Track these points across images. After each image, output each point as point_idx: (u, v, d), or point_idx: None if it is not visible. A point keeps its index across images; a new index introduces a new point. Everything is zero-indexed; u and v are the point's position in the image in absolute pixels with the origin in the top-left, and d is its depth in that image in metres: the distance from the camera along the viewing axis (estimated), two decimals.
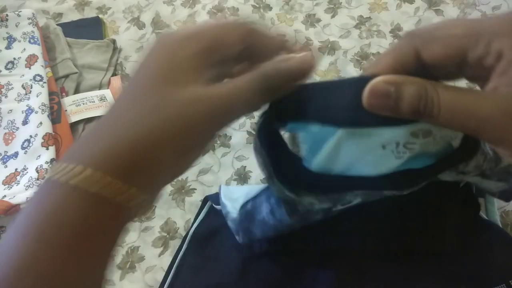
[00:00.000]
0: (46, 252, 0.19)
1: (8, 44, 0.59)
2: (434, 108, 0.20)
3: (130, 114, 0.22)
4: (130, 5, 0.69)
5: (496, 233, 0.39)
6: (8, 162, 0.49)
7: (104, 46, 0.62)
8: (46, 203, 0.20)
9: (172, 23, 0.66)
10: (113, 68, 0.62)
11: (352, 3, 0.65)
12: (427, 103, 0.20)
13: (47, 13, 0.69)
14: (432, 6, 0.63)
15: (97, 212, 0.20)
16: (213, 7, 0.67)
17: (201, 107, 0.21)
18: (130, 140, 0.21)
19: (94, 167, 0.20)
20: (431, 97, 0.20)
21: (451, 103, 0.20)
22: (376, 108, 0.21)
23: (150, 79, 0.22)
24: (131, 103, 0.22)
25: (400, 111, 0.21)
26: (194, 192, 0.51)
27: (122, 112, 0.22)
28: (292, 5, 0.66)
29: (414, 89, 0.21)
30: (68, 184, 0.20)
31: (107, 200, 0.20)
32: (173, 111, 0.21)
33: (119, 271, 0.47)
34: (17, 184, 0.47)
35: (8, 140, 0.51)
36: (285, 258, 0.39)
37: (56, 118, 0.53)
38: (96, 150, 0.21)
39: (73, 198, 0.20)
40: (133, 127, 0.21)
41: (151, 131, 0.21)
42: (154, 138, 0.21)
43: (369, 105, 0.21)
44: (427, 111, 0.20)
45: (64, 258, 0.19)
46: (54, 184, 0.20)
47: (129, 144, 0.21)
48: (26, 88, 0.54)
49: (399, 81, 0.21)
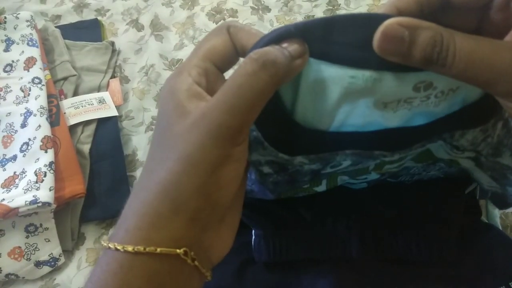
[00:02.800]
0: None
1: (7, 46, 0.58)
2: (449, 57, 0.19)
3: (150, 173, 0.22)
4: (129, 7, 0.69)
5: (496, 235, 0.39)
6: (7, 165, 0.49)
7: (103, 48, 0.62)
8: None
9: (171, 25, 0.66)
10: (111, 70, 0.61)
11: (351, 4, 0.65)
12: (441, 51, 0.19)
13: (46, 15, 0.68)
14: None
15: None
16: (211, 8, 0.67)
17: (198, 128, 0.21)
18: (151, 198, 0.21)
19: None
20: (447, 45, 0.19)
21: (468, 53, 0.19)
22: (387, 52, 0.20)
23: (160, 127, 0.22)
24: (151, 160, 0.22)
25: (412, 58, 0.19)
26: None
27: (145, 175, 0.22)
28: (291, 6, 0.66)
29: (429, 34, 0.19)
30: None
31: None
32: (177, 145, 0.21)
33: None
34: (16, 187, 0.46)
35: (7, 143, 0.51)
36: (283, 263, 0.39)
37: (54, 120, 0.53)
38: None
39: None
40: (152, 185, 0.21)
41: (163, 177, 0.21)
42: (167, 181, 0.21)
43: (380, 49, 0.20)
44: (441, 59, 0.19)
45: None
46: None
47: (151, 202, 0.21)
48: (25, 90, 0.54)
49: (414, 24, 0.19)
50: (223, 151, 0.21)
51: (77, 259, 0.49)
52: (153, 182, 0.21)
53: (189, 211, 0.21)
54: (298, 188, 0.33)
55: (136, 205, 0.22)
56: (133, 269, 0.20)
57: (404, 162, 0.30)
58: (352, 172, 0.31)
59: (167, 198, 0.21)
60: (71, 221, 0.49)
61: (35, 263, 0.46)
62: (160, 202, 0.21)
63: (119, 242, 0.21)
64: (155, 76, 0.61)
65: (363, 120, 0.25)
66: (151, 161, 0.22)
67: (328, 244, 0.38)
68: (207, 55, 0.23)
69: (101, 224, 0.51)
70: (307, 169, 0.28)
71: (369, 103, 0.23)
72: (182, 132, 0.21)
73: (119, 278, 0.20)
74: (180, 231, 0.21)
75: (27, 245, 0.46)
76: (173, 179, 0.21)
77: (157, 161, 0.22)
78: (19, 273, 0.46)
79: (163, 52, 0.63)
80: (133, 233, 0.21)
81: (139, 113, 0.58)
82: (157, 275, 0.21)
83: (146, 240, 0.20)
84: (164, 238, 0.21)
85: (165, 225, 0.21)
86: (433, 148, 0.29)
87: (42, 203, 0.44)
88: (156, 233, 0.21)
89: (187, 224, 0.21)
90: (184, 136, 0.21)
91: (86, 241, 0.50)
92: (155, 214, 0.21)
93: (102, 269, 0.21)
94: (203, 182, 0.21)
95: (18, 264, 0.46)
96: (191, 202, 0.21)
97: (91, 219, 0.50)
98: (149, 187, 0.21)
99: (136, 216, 0.21)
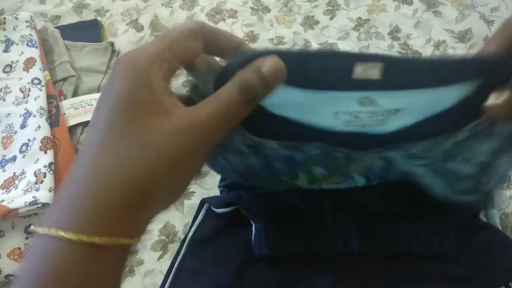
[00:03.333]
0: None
1: (6, 47, 0.58)
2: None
3: (114, 157, 0.20)
4: (128, 7, 0.69)
5: (496, 235, 0.39)
6: (6, 166, 0.49)
7: (103, 49, 0.62)
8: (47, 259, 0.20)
9: (170, 25, 0.66)
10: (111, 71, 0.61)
11: (350, 5, 0.65)
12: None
13: (45, 16, 0.68)
14: (431, 7, 0.63)
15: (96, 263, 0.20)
16: (211, 9, 0.67)
17: (190, 135, 0.21)
18: (122, 188, 0.20)
19: (83, 232, 0.19)
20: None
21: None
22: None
23: (127, 112, 0.21)
24: (110, 145, 0.21)
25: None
26: (193, 195, 0.51)
27: (102, 157, 0.21)
28: (290, 7, 0.66)
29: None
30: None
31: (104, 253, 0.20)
32: (162, 145, 0.20)
33: None
34: (16, 188, 0.46)
35: (6, 144, 0.51)
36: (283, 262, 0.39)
37: (54, 121, 0.52)
38: (84, 213, 0.20)
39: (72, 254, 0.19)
40: (121, 175, 0.20)
41: (143, 173, 0.20)
42: (148, 179, 0.20)
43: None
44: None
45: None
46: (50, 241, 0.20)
47: (123, 193, 0.20)
48: (24, 91, 0.54)
49: None
50: (207, 158, 0.23)
51: None
52: (118, 173, 0.20)
53: (157, 208, 0.22)
54: (278, 179, 0.34)
55: (95, 192, 0.20)
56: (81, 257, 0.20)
57: (372, 160, 0.32)
58: (326, 163, 0.32)
59: (143, 195, 0.20)
60: None
61: None
62: (132, 197, 0.20)
63: (73, 230, 0.19)
64: None
65: (328, 122, 0.26)
66: (102, 141, 0.21)
67: (329, 237, 0.38)
68: (179, 55, 0.22)
69: None
70: (281, 154, 0.30)
71: (327, 112, 0.25)
72: (166, 132, 0.21)
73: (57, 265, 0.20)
74: (133, 225, 0.21)
75: (26, 246, 0.46)
76: (153, 180, 0.20)
77: (119, 148, 0.20)
78: None
79: None
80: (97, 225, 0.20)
81: None
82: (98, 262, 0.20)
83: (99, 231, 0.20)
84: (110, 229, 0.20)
85: (129, 219, 0.21)
86: (392, 155, 0.31)
87: (42, 204, 0.44)
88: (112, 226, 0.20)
89: (146, 217, 0.22)
90: (170, 138, 0.21)
91: None
92: (126, 208, 0.20)
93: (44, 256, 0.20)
94: (186, 185, 0.23)
95: (18, 265, 0.46)
96: (163, 201, 0.22)
97: None
98: (115, 176, 0.20)
99: (98, 207, 0.20)
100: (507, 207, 0.46)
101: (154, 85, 0.21)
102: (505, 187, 0.47)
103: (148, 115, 0.21)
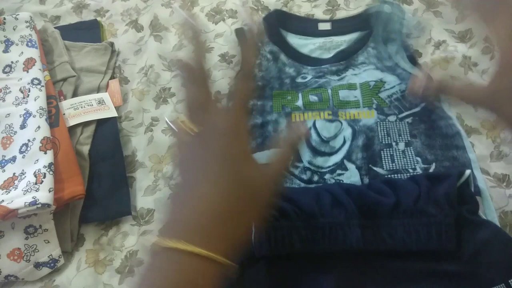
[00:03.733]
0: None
1: (6, 47, 0.58)
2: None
3: (210, 196, 0.29)
4: (128, 7, 0.69)
5: (495, 233, 0.39)
6: (6, 167, 0.49)
7: (102, 49, 0.62)
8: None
9: (170, 25, 0.66)
10: (111, 71, 0.61)
11: (350, 4, 0.65)
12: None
13: (45, 16, 0.68)
14: (431, 7, 0.63)
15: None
16: (211, 9, 0.67)
17: (262, 181, 0.31)
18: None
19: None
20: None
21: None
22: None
23: (220, 167, 0.30)
24: (207, 185, 0.29)
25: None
26: None
27: (201, 194, 0.29)
28: (290, 6, 0.66)
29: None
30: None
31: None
32: (247, 186, 0.30)
33: (118, 275, 0.47)
34: (15, 188, 0.46)
35: (6, 144, 0.51)
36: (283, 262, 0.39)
37: (54, 122, 0.52)
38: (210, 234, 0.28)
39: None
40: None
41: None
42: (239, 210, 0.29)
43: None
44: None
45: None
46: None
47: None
48: (24, 92, 0.54)
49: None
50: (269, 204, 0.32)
51: (76, 260, 0.48)
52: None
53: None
54: (285, 92, 0.55)
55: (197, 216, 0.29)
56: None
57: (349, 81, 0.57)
58: (318, 93, 0.54)
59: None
60: (71, 222, 0.49)
61: (34, 265, 0.46)
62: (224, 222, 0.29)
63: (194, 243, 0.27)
64: (155, 76, 0.61)
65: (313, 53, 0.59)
66: (204, 180, 0.29)
67: (328, 234, 0.38)
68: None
69: (100, 225, 0.51)
70: (287, 71, 0.57)
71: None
72: (254, 179, 0.30)
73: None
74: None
75: (26, 246, 0.46)
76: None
77: (221, 187, 0.29)
78: (19, 274, 0.46)
79: (162, 53, 0.63)
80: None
81: (138, 114, 0.58)
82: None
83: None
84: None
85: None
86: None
87: (42, 204, 0.44)
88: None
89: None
90: (257, 186, 0.30)
91: (85, 242, 0.50)
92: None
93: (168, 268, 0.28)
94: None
95: (17, 265, 0.46)
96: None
97: (91, 220, 0.50)
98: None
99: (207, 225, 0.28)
100: (506, 205, 0.46)
101: (242, 142, 0.32)
102: (504, 186, 0.47)
103: (240, 164, 0.31)
